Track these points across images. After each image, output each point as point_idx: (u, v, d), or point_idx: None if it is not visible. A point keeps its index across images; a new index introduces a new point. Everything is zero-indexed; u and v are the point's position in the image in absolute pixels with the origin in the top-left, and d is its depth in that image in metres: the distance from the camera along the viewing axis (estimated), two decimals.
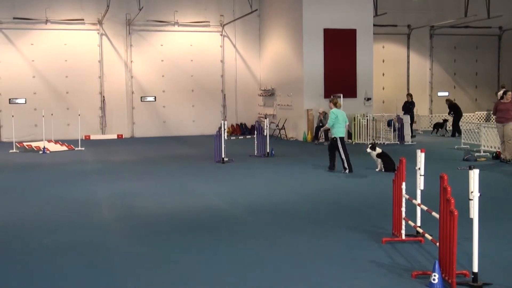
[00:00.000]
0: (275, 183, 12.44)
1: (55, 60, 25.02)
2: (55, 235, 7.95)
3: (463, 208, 5.85)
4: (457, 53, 30.22)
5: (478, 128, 18.28)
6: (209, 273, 6.18)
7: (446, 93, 29.93)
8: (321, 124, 21.52)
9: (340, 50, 22.68)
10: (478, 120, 25.14)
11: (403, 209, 7.26)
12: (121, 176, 13.61)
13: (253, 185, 12.20)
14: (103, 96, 25.69)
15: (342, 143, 13.70)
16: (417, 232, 7.22)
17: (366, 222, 8.43)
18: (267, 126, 17.58)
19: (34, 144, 20.08)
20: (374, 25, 23.61)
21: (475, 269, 5.61)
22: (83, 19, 25.20)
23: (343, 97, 21.93)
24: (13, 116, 20.53)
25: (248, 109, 27.69)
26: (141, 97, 26.32)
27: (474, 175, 5.49)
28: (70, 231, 8.18)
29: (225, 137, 15.96)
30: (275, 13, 25.64)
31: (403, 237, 7.28)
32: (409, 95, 24.37)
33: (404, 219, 7.26)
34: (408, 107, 23.36)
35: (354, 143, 21.20)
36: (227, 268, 6.35)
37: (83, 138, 23.76)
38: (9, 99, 24.66)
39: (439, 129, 24.69)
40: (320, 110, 21.67)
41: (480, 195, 5.57)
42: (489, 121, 22.91)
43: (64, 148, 20.24)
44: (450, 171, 11.69)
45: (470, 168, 5.56)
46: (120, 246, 7.37)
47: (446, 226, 5.61)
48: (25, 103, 24.83)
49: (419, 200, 7.06)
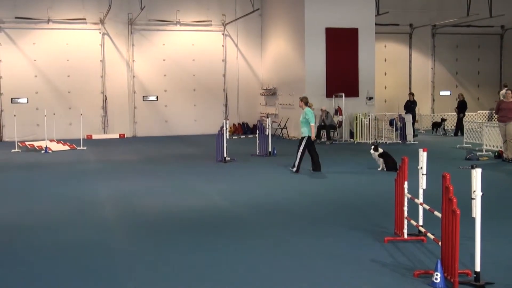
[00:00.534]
0: (277, 183, 12.44)
1: (57, 60, 25.03)
2: (57, 234, 7.96)
3: (465, 207, 5.83)
4: (459, 52, 30.17)
5: (480, 127, 18.26)
6: (211, 273, 6.18)
7: (448, 92, 29.92)
8: (323, 123, 21.53)
9: (342, 49, 22.65)
10: (480, 119, 25.11)
11: (405, 208, 7.27)
12: (123, 176, 13.62)
13: (255, 185, 12.21)
14: (105, 96, 25.71)
15: (307, 143, 13.66)
16: (419, 232, 7.22)
17: (368, 222, 8.43)
18: (269, 126, 17.57)
19: (36, 144, 20.09)
20: (376, 24, 23.58)
21: (477, 268, 5.61)
22: (85, 19, 25.21)
23: (345, 96, 21.95)
24: (15, 116, 20.54)
25: (250, 109, 27.68)
26: (143, 97, 26.33)
27: (477, 174, 5.49)
28: (72, 230, 8.19)
29: (227, 137, 15.97)
30: (277, 12, 25.62)
31: (405, 237, 7.28)
32: (411, 94, 24.37)
33: (406, 218, 7.26)
34: (410, 106, 23.35)
35: (356, 143, 21.21)
36: (229, 268, 6.35)
37: (85, 138, 23.76)
38: (11, 99, 24.67)
39: (437, 129, 24.64)
40: (323, 108, 21.64)
41: (483, 194, 5.57)
42: (492, 120, 22.88)
43: (66, 148, 20.26)
44: (452, 170, 11.68)
45: (473, 167, 5.56)
46: (122, 245, 7.38)
47: (449, 225, 5.61)
48: (27, 103, 24.83)
49: (421, 199, 7.06)
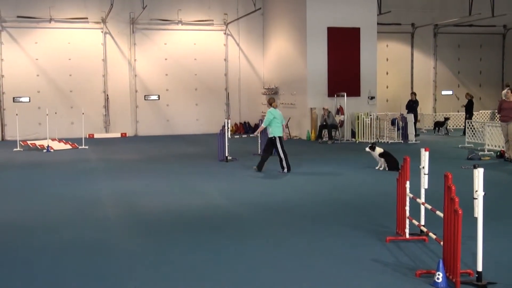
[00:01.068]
0: (278, 182, 12.44)
1: (59, 59, 25.05)
2: (58, 233, 7.96)
3: (468, 207, 5.83)
4: (461, 52, 30.14)
5: (482, 127, 18.23)
6: (213, 272, 6.18)
7: (450, 92, 29.88)
8: (325, 123, 21.51)
9: (344, 49, 22.63)
10: (483, 119, 25.07)
11: (407, 208, 7.25)
12: (125, 175, 13.63)
13: (256, 184, 12.20)
14: (107, 95, 25.72)
15: (281, 142, 13.74)
16: (421, 231, 7.21)
17: (370, 221, 8.42)
18: None
19: (38, 143, 20.09)
20: (378, 24, 23.56)
21: (480, 268, 5.59)
22: (87, 18, 25.23)
23: (347, 96, 21.94)
24: (17, 115, 20.58)
25: (252, 108, 27.67)
26: (145, 96, 26.34)
27: (479, 174, 5.48)
28: (74, 229, 8.19)
29: (229, 136, 15.98)
30: (279, 12, 25.61)
31: (407, 236, 7.27)
32: (413, 94, 24.34)
33: (408, 218, 7.25)
34: (412, 106, 23.32)
35: (358, 142, 21.20)
36: (231, 267, 6.35)
37: (87, 137, 23.77)
38: (13, 98, 24.69)
39: (440, 128, 24.60)
40: (325, 107, 21.63)
41: (485, 194, 5.55)
42: (494, 120, 22.85)
43: (68, 147, 20.27)
44: (454, 170, 11.65)
45: (475, 167, 5.55)
46: (123, 245, 7.37)
47: (451, 225, 5.60)
48: (29, 102, 24.85)
49: (423, 199, 7.05)
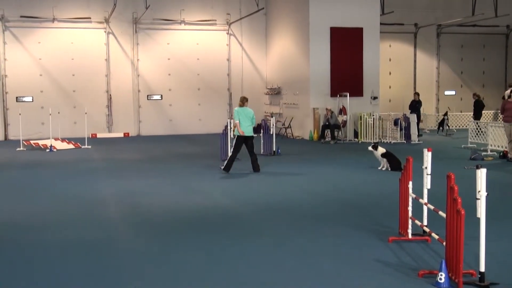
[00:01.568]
0: (281, 182, 12.44)
1: (62, 59, 25.08)
2: (61, 233, 7.98)
3: (470, 208, 5.83)
4: (464, 52, 30.10)
5: (485, 127, 18.20)
6: (215, 272, 6.18)
7: (453, 92, 29.85)
8: (328, 123, 21.50)
9: (347, 49, 22.61)
10: (486, 119, 25.02)
11: (410, 208, 7.25)
12: (127, 174, 13.65)
13: (259, 184, 12.21)
14: (110, 95, 25.75)
15: (238, 143, 13.69)
16: (424, 232, 7.20)
17: (372, 221, 8.42)
18: (273, 125, 17.56)
19: (41, 142, 20.14)
20: (381, 24, 23.53)
21: (482, 269, 5.59)
22: (90, 18, 25.26)
23: (350, 96, 21.93)
24: (20, 114, 20.61)
25: (254, 108, 27.13)
26: (148, 96, 26.36)
27: (481, 175, 5.47)
28: (76, 229, 8.21)
29: (231, 136, 15.98)
30: (282, 12, 25.61)
31: (410, 236, 7.26)
32: (416, 94, 24.28)
33: (411, 218, 7.24)
34: (415, 106, 23.28)
35: (361, 142, 21.18)
36: (234, 267, 6.35)
37: (90, 136, 23.80)
38: (16, 97, 24.74)
39: (443, 128, 24.65)
40: (328, 107, 21.63)
41: (487, 195, 5.55)
42: (497, 120, 22.81)
43: (71, 146, 20.31)
44: (457, 170, 11.64)
45: (477, 168, 5.54)
46: (126, 244, 7.39)
47: (453, 226, 5.60)
48: (32, 101, 24.89)
49: (426, 199, 7.04)
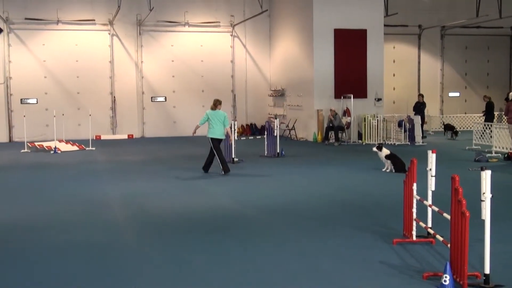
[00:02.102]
0: (285, 183, 12.44)
1: (66, 61, 25.15)
2: (66, 235, 7.99)
3: (475, 209, 5.81)
4: (469, 54, 30.03)
5: (490, 129, 18.16)
6: (220, 273, 6.18)
7: (457, 94, 29.79)
8: (332, 125, 21.49)
9: (351, 51, 22.59)
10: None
11: (414, 210, 7.23)
12: (132, 176, 13.67)
13: (263, 185, 12.20)
14: (114, 96, 25.80)
15: (216, 145, 13.66)
16: (428, 233, 7.19)
17: (377, 223, 8.40)
18: (277, 127, 17.57)
19: (46, 144, 20.19)
20: (385, 25, 23.51)
21: (487, 271, 5.57)
22: (94, 20, 25.32)
23: (354, 97, 21.90)
24: (25, 116, 20.68)
25: (258, 110, 27.68)
26: (152, 97, 26.41)
27: (486, 176, 5.45)
28: (81, 231, 8.22)
29: (235, 138, 16.00)
30: (286, 13, 25.61)
31: (414, 238, 7.24)
32: (421, 96, 24.25)
33: (415, 220, 7.23)
34: (419, 108, 23.24)
35: (365, 144, 21.16)
36: (238, 268, 6.35)
37: (94, 138, 23.85)
38: (21, 99, 24.81)
39: (451, 133, 24.22)
40: (331, 108, 21.60)
41: (492, 196, 5.53)
42: (501, 122, 22.75)
43: (75, 148, 20.35)
44: (462, 172, 11.62)
45: (482, 169, 5.52)
46: (130, 246, 7.39)
47: (458, 227, 5.58)
48: (37, 103, 24.96)
49: (430, 201, 7.03)
